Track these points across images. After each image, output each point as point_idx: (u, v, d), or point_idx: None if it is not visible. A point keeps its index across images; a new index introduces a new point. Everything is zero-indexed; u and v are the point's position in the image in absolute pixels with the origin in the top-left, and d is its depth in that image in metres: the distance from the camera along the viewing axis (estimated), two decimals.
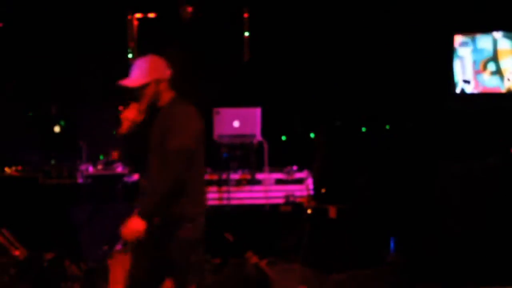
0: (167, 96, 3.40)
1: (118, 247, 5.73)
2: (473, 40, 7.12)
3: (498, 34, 7.06)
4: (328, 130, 6.80)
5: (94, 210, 6.00)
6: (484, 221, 6.01)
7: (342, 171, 6.64)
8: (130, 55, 6.74)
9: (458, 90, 7.15)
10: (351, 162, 6.70)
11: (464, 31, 7.09)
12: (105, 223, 6.11)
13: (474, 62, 7.12)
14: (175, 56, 6.80)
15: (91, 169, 6.05)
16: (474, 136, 6.77)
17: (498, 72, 7.11)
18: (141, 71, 3.39)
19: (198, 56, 6.86)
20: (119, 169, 6.09)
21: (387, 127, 7.21)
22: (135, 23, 6.66)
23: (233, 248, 5.82)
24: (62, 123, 6.75)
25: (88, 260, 5.81)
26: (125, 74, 6.84)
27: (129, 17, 6.63)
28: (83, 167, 5.98)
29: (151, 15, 6.61)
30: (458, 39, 7.13)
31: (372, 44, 6.97)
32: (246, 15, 6.71)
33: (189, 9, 6.55)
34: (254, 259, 5.80)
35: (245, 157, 6.00)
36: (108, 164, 6.15)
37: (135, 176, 6.25)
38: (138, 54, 6.69)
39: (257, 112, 5.97)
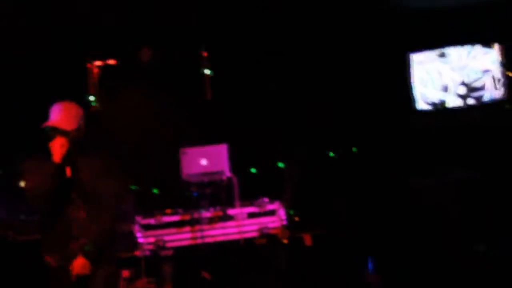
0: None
1: None
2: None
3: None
4: (297, 158, 6.86)
5: None
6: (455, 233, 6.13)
7: (314, 198, 6.70)
8: (93, 103, 6.73)
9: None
10: (322, 188, 6.76)
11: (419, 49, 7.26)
12: None
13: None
14: (138, 100, 6.92)
15: None
16: (438, 152, 6.89)
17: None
18: (71, 116, 3.62)
19: (160, 98, 6.90)
20: None
21: (354, 149, 7.29)
22: (95, 70, 6.67)
23: (212, 286, 5.83)
24: None
25: None
26: (89, 123, 6.84)
27: (88, 65, 6.64)
28: None
29: (111, 61, 6.63)
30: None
31: (332, 71, 7.09)
32: (205, 53, 6.77)
33: (148, 51, 6.59)
34: None
35: (216, 194, 6.02)
36: None
37: None
38: (101, 101, 6.71)
39: (223, 148, 6.01)
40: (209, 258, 5.90)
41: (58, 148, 3.45)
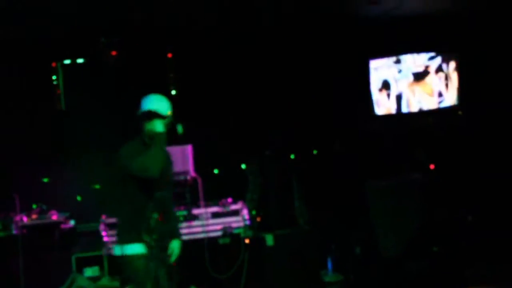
0: None
1: None
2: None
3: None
4: (259, 160, 6.97)
5: (32, 260, 5.95)
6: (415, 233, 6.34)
7: (276, 199, 6.83)
8: (57, 102, 6.74)
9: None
10: (284, 189, 6.89)
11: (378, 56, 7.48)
12: (44, 273, 6.08)
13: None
14: (102, 99, 6.94)
15: (25, 219, 6.01)
16: (396, 154, 7.11)
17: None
18: (167, 106, 4.01)
19: (124, 98, 6.94)
20: (54, 217, 6.07)
21: (315, 152, 7.46)
22: (61, 69, 6.68)
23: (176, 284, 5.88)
24: None
25: None
26: (53, 120, 6.85)
27: (53, 64, 6.64)
28: (17, 218, 5.92)
29: (78, 60, 6.65)
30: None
31: (296, 74, 7.24)
32: (169, 55, 6.85)
33: (113, 53, 6.63)
34: None
35: (180, 194, 6.09)
36: (43, 212, 6.12)
37: (70, 224, 6.25)
38: (65, 100, 6.71)
39: (188, 149, 6.09)
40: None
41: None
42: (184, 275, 5.90)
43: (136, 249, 3.74)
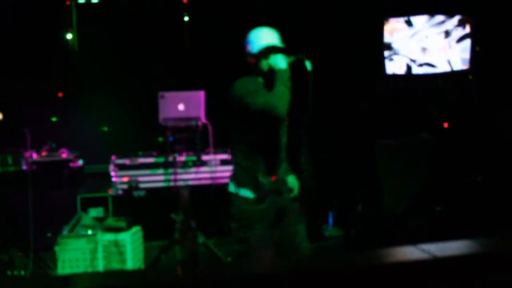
0: None
1: (64, 233, 5.79)
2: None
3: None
4: None
5: (40, 197, 6.01)
6: (419, 193, 6.40)
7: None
8: (69, 42, 6.69)
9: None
10: (291, 139, 6.92)
11: (394, 15, 7.43)
12: (51, 210, 6.15)
13: None
14: (117, 41, 6.91)
15: (35, 155, 6.03)
16: (408, 114, 7.13)
17: None
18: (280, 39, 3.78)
19: (140, 41, 6.92)
20: (64, 155, 6.09)
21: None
22: (74, 7, 6.62)
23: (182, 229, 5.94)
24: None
25: (35, 247, 5.82)
26: (65, 59, 6.82)
27: (67, 2, 6.58)
28: (27, 154, 5.94)
29: (93, 0, 6.60)
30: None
31: (304, 30, 7.19)
32: (185, 0, 6.79)
33: None
34: (201, 238, 5.98)
35: (191, 140, 6.11)
36: (53, 150, 6.14)
37: (79, 162, 6.29)
38: (78, 40, 6.67)
39: (201, 95, 6.07)
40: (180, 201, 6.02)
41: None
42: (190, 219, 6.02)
43: (248, 193, 3.77)
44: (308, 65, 3.70)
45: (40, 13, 6.61)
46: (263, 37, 3.74)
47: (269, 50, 3.70)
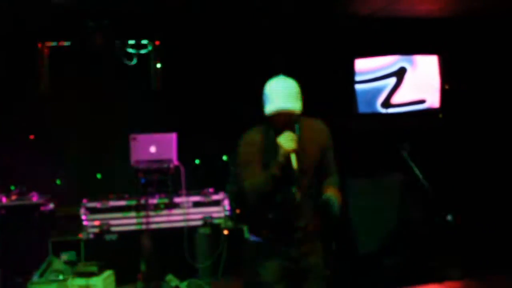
0: None
1: (34, 278, 5.68)
2: None
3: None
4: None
5: (9, 242, 5.91)
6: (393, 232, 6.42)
7: None
8: (40, 84, 6.67)
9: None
10: None
11: (365, 55, 7.53)
12: (21, 254, 6.04)
13: None
14: (89, 84, 6.90)
15: (4, 199, 5.95)
16: (379, 154, 7.17)
17: None
18: (297, 96, 3.39)
19: (112, 84, 6.91)
20: (35, 198, 6.03)
21: None
22: (46, 51, 6.61)
23: (154, 272, 5.89)
24: None
25: None
26: (37, 103, 6.79)
27: (39, 45, 6.57)
28: None
29: (63, 43, 6.60)
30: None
31: (280, 70, 7.23)
32: (157, 42, 6.83)
33: (101, 37, 6.58)
34: (174, 281, 5.91)
35: (163, 182, 6.10)
36: (22, 194, 6.08)
37: (50, 206, 6.21)
38: (50, 84, 6.65)
39: (172, 137, 6.09)
40: (152, 244, 5.98)
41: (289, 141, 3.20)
42: (162, 263, 5.97)
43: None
44: (335, 207, 3.28)
45: (10, 54, 6.58)
46: (274, 96, 3.34)
47: (277, 122, 3.32)
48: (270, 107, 3.32)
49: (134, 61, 6.70)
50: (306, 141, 3.37)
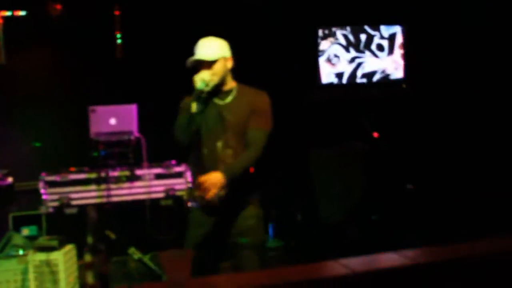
0: (232, 81, 3.61)
1: None
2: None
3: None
4: None
5: None
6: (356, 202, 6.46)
7: None
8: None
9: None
10: None
11: (327, 24, 7.49)
12: None
13: None
14: (46, 55, 6.74)
15: None
16: (339, 124, 7.18)
17: None
18: (212, 48, 3.55)
19: (70, 55, 6.77)
20: None
21: None
22: (0, 21, 6.42)
23: (116, 245, 5.84)
24: None
25: None
26: None
27: None
28: None
29: (18, 13, 6.42)
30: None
31: (241, 41, 7.14)
32: (117, 12, 6.69)
33: (58, 6, 6.42)
34: (137, 254, 5.86)
35: (123, 154, 6.02)
36: None
37: (8, 180, 6.09)
38: (6, 54, 6.48)
39: (133, 108, 6.00)
40: (114, 218, 5.92)
41: (199, 79, 3.41)
42: (125, 236, 5.91)
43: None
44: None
45: None
46: (196, 49, 3.60)
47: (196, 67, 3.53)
48: (190, 59, 3.53)
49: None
50: (235, 102, 3.53)
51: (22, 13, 6.44)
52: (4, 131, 6.64)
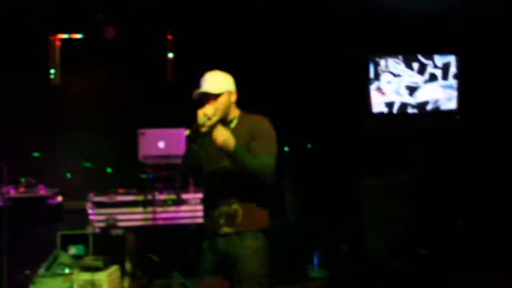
0: (235, 110, 3.67)
1: (41, 271, 5.67)
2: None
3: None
4: None
5: (16, 234, 5.90)
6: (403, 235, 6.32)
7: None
8: (52, 77, 6.66)
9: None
10: (275, 182, 6.85)
11: (380, 55, 7.41)
12: (27, 247, 6.03)
13: None
14: (99, 77, 6.87)
15: (12, 191, 5.94)
16: (389, 154, 7.07)
17: None
18: (218, 82, 3.61)
19: (122, 77, 6.87)
20: (43, 191, 6.01)
21: (309, 146, 7.41)
22: (58, 43, 6.58)
23: (159, 269, 5.84)
24: None
25: (9, 286, 5.70)
26: (47, 95, 6.79)
27: (51, 37, 6.55)
28: (4, 190, 5.86)
29: (75, 36, 6.57)
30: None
31: (294, 68, 7.15)
32: (170, 36, 6.77)
33: (112, 30, 6.54)
34: (180, 278, 5.85)
35: (171, 178, 6.04)
36: (30, 186, 6.06)
37: (58, 199, 6.20)
38: (61, 76, 6.63)
39: (182, 133, 6.02)
40: (159, 241, 5.93)
41: (202, 114, 3.43)
42: (169, 260, 5.92)
43: None
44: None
45: (23, 48, 6.57)
46: (202, 82, 3.67)
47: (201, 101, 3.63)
48: (196, 92, 3.64)
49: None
50: (235, 130, 3.55)
51: (78, 36, 6.59)
52: (56, 151, 6.77)
